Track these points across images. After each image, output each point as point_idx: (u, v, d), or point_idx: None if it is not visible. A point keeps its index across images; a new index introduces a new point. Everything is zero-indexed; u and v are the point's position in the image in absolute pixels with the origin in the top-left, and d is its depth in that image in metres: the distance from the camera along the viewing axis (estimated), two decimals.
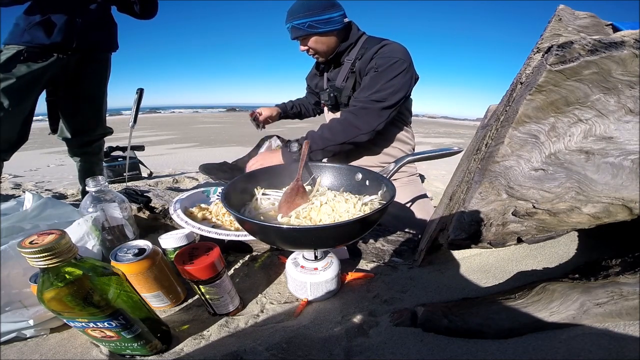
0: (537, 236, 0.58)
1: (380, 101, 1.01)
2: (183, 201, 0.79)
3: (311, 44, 1.11)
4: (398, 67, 1.01)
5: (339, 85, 1.18)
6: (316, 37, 1.09)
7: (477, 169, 0.60)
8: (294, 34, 1.11)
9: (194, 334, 0.54)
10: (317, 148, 1.00)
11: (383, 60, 1.02)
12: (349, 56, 1.14)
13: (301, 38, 1.11)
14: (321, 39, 1.10)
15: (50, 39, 1.16)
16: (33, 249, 0.34)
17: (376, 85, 1.02)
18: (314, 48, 1.12)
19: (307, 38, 1.10)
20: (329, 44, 1.12)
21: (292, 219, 0.57)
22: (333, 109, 1.26)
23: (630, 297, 0.49)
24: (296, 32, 1.09)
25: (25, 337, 0.54)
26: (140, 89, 1.55)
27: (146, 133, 9.19)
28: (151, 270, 0.54)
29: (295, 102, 1.52)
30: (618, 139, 0.50)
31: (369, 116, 1.01)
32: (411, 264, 0.73)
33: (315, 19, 1.05)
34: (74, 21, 1.19)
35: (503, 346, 0.48)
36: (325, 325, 0.55)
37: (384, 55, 1.04)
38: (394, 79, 1.01)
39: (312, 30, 1.07)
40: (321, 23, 1.06)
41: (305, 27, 1.06)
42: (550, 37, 0.56)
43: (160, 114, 30.88)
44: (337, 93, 1.19)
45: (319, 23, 1.06)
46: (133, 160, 2.84)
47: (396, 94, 1.02)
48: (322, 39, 1.10)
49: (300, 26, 1.07)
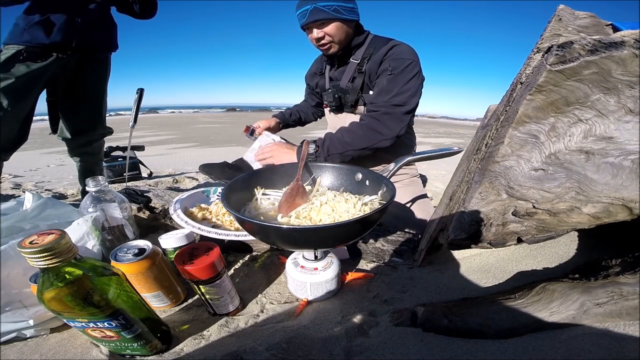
0: (537, 236, 0.58)
1: (401, 105, 0.98)
2: (183, 201, 0.79)
3: (331, 29, 1.03)
4: (412, 70, 1.00)
5: (343, 86, 1.14)
6: (339, 22, 1.02)
7: (477, 169, 0.60)
8: (314, 16, 1.01)
9: (194, 334, 0.54)
10: (336, 152, 0.97)
11: (397, 63, 1.00)
12: (354, 56, 1.11)
13: (322, 22, 1.02)
14: (342, 26, 1.04)
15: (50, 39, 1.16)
16: (33, 249, 0.34)
17: (394, 88, 0.99)
18: (333, 35, 1.04)
19: (327, 22, 1.02)
20: (347, 33, 1.06)
21: (292, 219, 0.57)
22: (337, 110, 1.22)
23: (630, 297, 0.49)
24: (318, 14, 1.00)
25: (25, 337, 0.54)
26: (141, 89, 1.55)
27: (146, 133, 9.19)
28: (151, 270, 0.54)
29: (293, 110, 1.46)
30: (618, 139, 0.50)
31: (392, 121, 0.98)
32: (411, 264, 0.73)
33: (342, 4, 1.00)
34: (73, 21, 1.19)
35: (503, 346, 0.48)
36: (325, 325, 0.55)
37: (397, 57, 1.01)
38: (410, 81, 1.00)
39: (337, 15, 1.00)
40: (346, 10, 1.01)
41: (331, 10, 0.99)
42: (550, 37, 0.56)
43: (160, 114, 30.88)
44: (342, 94, 1.15)
45: (345, 9, 1.00)
46: (133, 160, 2.84)
47: (414, 97, 1.00)
48: (344, 26, 1.04)
49: (326, 8, 0.99)
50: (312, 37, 1.07)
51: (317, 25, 1.04)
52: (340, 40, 1.07)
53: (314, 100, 1.43)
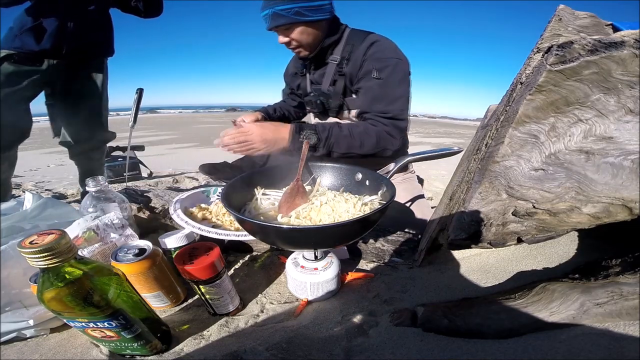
0: (537, 236, 0.58)
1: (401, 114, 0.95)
2: (183, 201, 0.79)
3: (296, 35, 0.94)
4: (399, 71, 0.95)
5: (325, 90, 1.06)
6: (303, 26, 0.93)
7: (477, 169, 0.60)
8: (274, 22, 0.93)
9: (194, 334, 0.54)
10: (338, 151, 0.90)
11: (381, 64, 0.94)
12: (332, 55, 1.03)
13: (284, 27, 0.94)
14: (308, 30, 0.94)
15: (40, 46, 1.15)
16: (33, 249, 0.34)
17: (388, 95, 0.94)
18: (299, 40, 0.96)
19: (291, 28, 0.94)
20: (315, 35, 0.97)
21: (292, 219, 0.57)
22: (321, 115, 1.14)
23: (630, 297, 0.49)
24: (278, 19, 0.92)
25: (25, 337, 0.54)
26: (140, 89, 1.55)
27: (146, 133, 9.19)
28: (151, 270, 0.54)
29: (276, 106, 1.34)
30: (618, 139, 0.50)
31: (398, 132, 0.95)
32: (411, 264, 0.73)
33: (305, 5, 0.91)
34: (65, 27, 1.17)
35: (503, 346, 0.48)
36: (325, 325, 0.55)
37: (379, 57, 0.94)
38: (401, 85, 0.95)
39: (299, 18, 0.91)
40: (311, 10, 0.91)
41: (291, 13, 0.90)
42: (550, 37, 0.56)
43: (160, 114, 30.85)
44: (324, 99, 1.06)
45: (309, 10, 0.91)
46: (133, 160, 2.84)
47: (408, 101, 0.97)
48: (309, 29, 0.95)
49: (285, 12, 0.90)
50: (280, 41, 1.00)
51: (280, 31, 0.96)
52: (309, 44, 0.99)
53: (295, 101, 1.33)
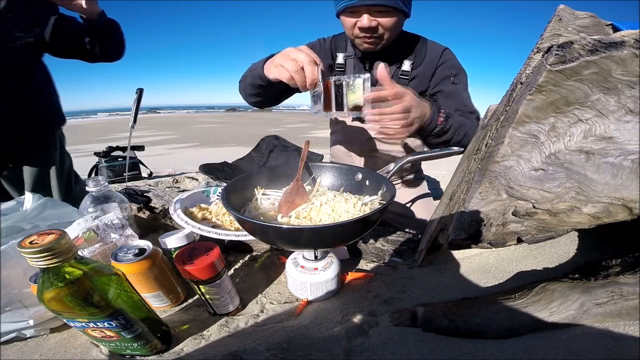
0: (537, 236, 0.58)
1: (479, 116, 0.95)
2: (183, 201, 0.79)
3: (389, 22, 0.85)
4: (466, 78, 1.00)
5: None
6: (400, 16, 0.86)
7: (477, 169, 0.60)
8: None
9: (194, 334, 0.54)
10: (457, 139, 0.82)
11: (456, 71, 0.98)
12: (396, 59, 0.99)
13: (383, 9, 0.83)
14: (399, 22, 0.88)
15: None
16: (33, 249, 0.34)
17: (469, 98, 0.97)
18: (389, 29, 0.86)
19: (389, 13, 0.84)
20: (398, 30, 0.91)
21: (292, 219, 0.57)
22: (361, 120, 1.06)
23: (630, 297, 0.49)
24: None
25: (25, 337, 0.54)
26: (140, 89, 1.55)
27: (146, 133, 9.19)
28: (151, 270, 0.54)
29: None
30: (618, 139, 0.50)
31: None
32: (411, 264, 0.73)
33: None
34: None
35: (503, 346, 0.48)
36: (325, 325, 0.55)
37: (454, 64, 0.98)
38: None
39: (403, 6, 0.83)
40: (409, 5, 0.87)
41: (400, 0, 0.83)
42: (550, 37, 0.56)
43: (160, 114, 30.84)
44: None
45: (408, 4, 0.86)
46: (133, 160, 2.85)
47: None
48: (400, 22, 0.88)
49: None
50: (358, 24, 0.85)
51: (372, 12, 0.83)
52: (390, 37, 0.89)
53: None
